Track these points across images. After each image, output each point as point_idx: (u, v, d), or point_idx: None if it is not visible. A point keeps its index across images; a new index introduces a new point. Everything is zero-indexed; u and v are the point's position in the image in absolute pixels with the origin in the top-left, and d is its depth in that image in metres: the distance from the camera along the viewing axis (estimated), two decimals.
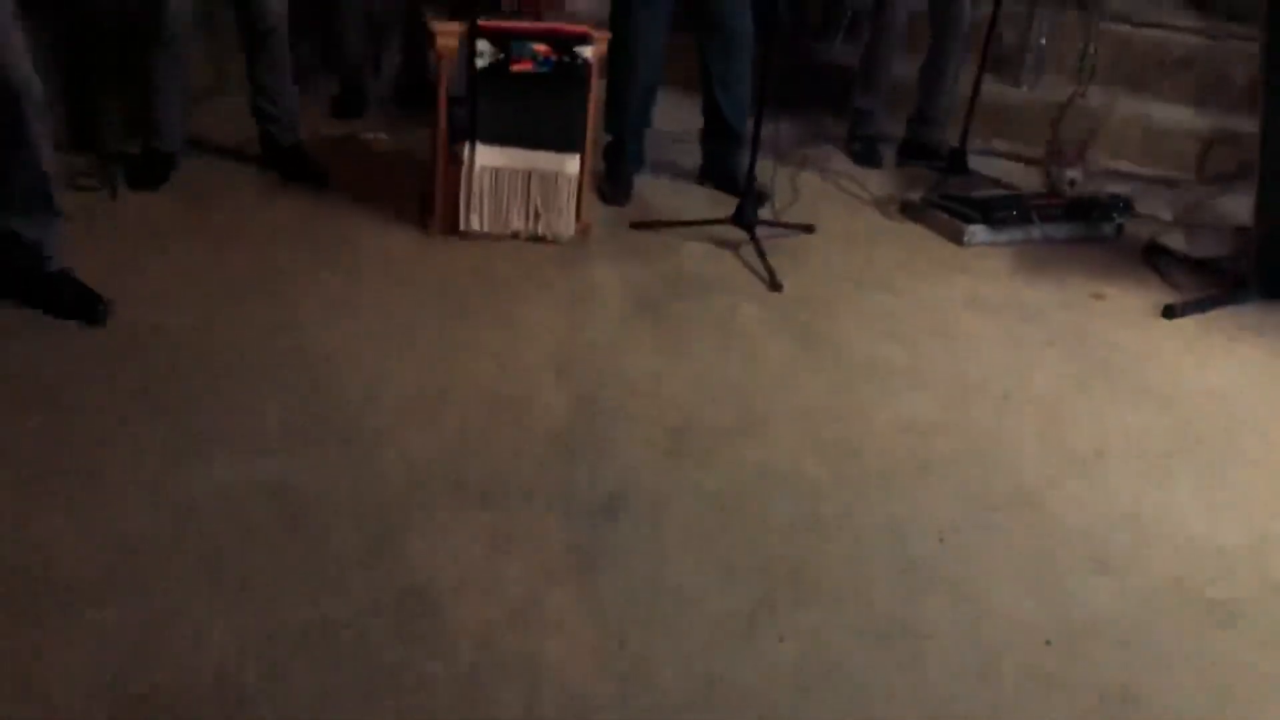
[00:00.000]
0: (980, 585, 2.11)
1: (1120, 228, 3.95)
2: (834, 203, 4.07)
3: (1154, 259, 3.75)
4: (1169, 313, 3.35)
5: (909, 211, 3.97)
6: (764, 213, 3.68)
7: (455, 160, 3.32)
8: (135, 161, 3.49)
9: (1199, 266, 3.70)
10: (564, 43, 3.23)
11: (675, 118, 4.21)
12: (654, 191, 3.96)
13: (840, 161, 4.50)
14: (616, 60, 3.74)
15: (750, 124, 3.67)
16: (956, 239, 3.75)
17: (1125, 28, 5.27)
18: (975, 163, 4.49)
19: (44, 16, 3.42)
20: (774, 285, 3.28)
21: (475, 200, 3.32)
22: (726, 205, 3.64)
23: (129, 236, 3.12)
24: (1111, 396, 2.88)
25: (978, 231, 3.73)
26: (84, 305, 2.65)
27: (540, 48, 3.21)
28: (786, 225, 3.69)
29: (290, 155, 3.65)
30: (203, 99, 3.89)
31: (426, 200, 3.42)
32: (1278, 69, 3.23)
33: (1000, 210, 3.78)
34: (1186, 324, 3.32)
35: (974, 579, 2.13)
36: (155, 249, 3.06)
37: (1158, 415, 2.81)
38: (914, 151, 4.50)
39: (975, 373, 2.93)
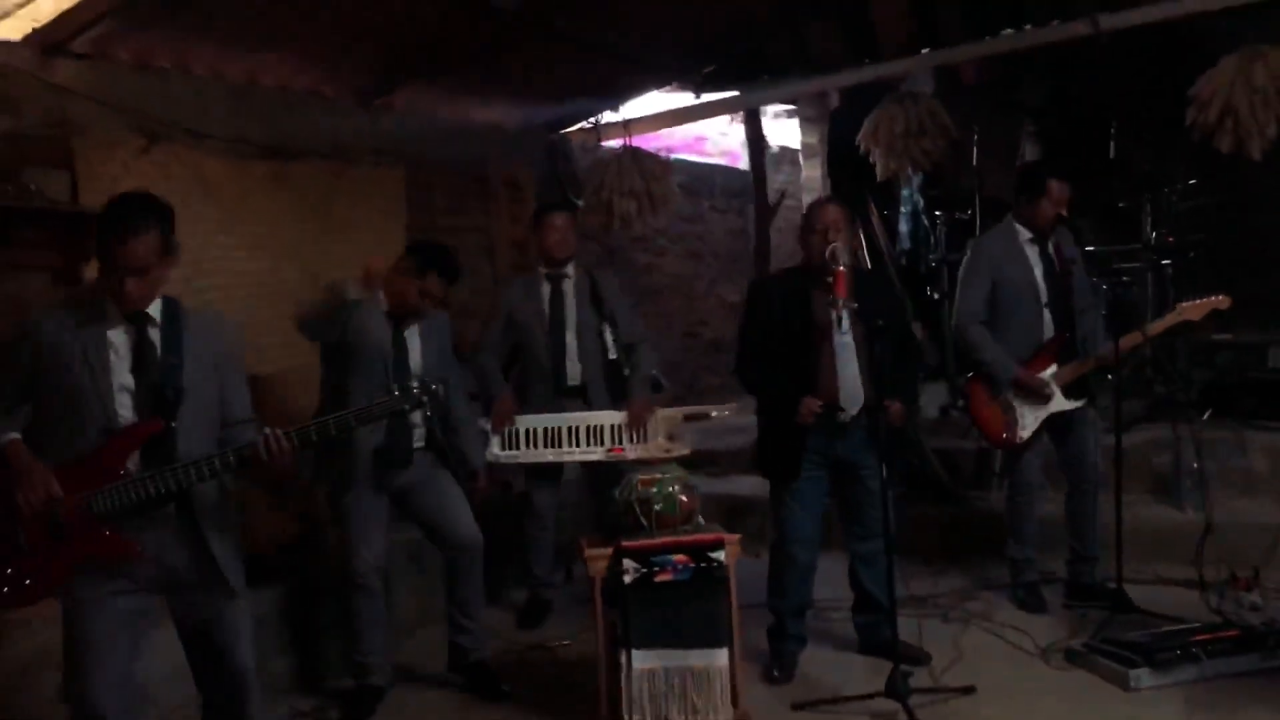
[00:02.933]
0: None
1: None
2: (997, 657, 4.11)
3: None
4: None
5: (1073, 659, 3.96)
6: (923, 676, 3.78)
7: (617, 665, 3.64)
8: (348, 697, 3.97)
9: None
10: (700, 550, 3.61)
11: (835, 586, 4.43)
12: (817, 665, 4.13)
13: (1005, 610, 4.57)
14: (776, 548, 4.12)
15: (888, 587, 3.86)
16: (1121, 684, 3.69)
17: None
18: (1146, 592, 4.48)
19: (267, 581, 4.13)
20: None
21: (635, 702, 3.58)
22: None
23: None
24: None
25: (1142, 675, 3.67)
26: None
27: (679, 558, 3.60)
28: (944, 690, 3.76)
29: (476, 670, 4.07)
30: (412, 630, 4.45)
31: (595, 703, 3.71)
32: None
33: (1163, 650, 3.73)
34: None
35: None
36: None
37: None
38: (1078, 592, 4.55)
39: None
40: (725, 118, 10.62)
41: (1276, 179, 5.86)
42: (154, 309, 2.82)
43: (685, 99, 7.22)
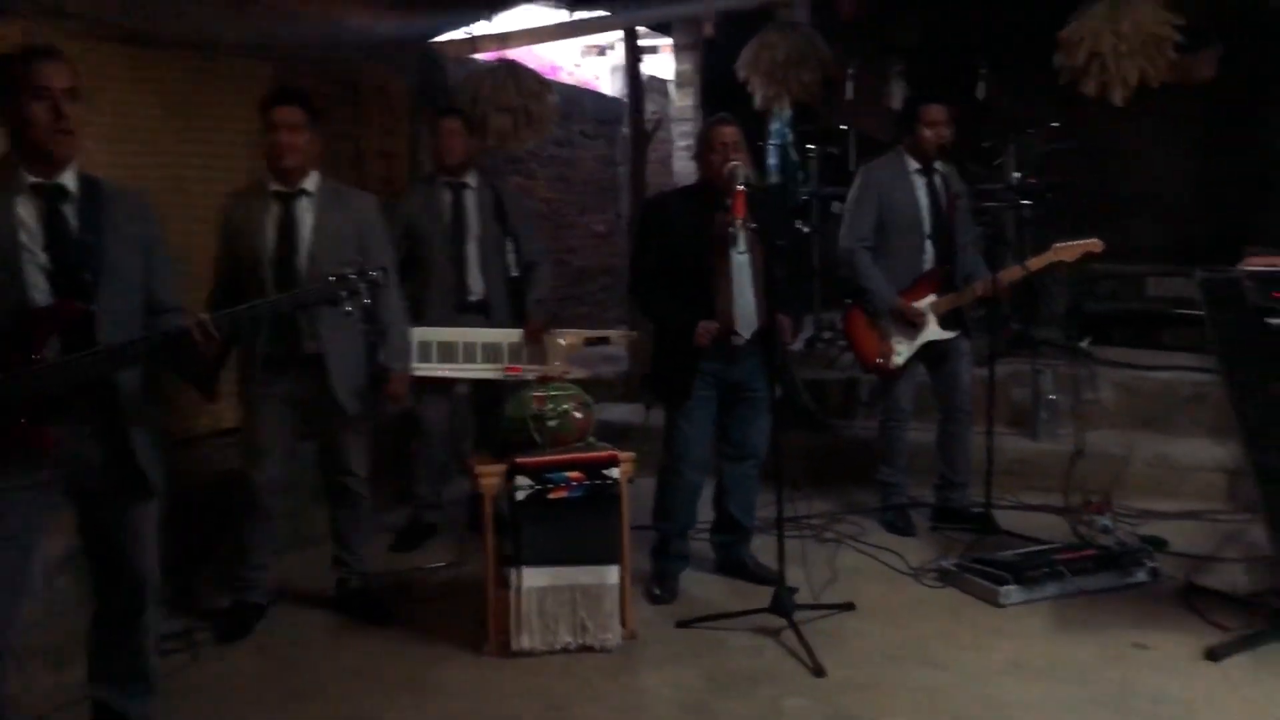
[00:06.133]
0: None
1: (1155, 571, 4.03)
2: (872, 576, 4.22)
3: (1193, 600, 3.81)
4: (1213, 655, 3.37)
5: (945, 578, 4.11)
6: (802, 595, 3.86)
7: (505, 584, 3.58)
8: (224, 615, 3.79)
9: (1240, 603, 3.75)
10: (594, 467, 3.57)
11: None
12: (698, 585, 4.16)
13: (876, 533, 4.71)
14: (666, 469, 4.11)
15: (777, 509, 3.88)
16: (992, 601, 3.85)
17: (1134, 373, 5.60)
18: (1008, 518, 4.69)
19: None
20: (817, 671, 3.38)
21: (525, 621, 3.54)
22: (767, 592, 3.79)
23: (207, 698, 3.33)
24: None
25: (1012, 592, 3.84)
26: None
27: (573, 475, 3.55)
28: (825, 606, 3.84)
29: (357, 597, 3.94)
30: (286, 550, 4.26)
31: (482, 623, 3.64)
32: (1243, 408, 3.43)
33: (1030, 569, 3.91)
34: (1233, 666, 3.33)
35: None
36: (230, 711, 3.27)
37: None
38: (945, 516, 4.71)
39: None
40: (582, 47, 10.47)
41: (1134, 125, 6.14)
42: (69, 181, 2.58)
43: (557, 16, 7.03)
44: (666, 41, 8.24)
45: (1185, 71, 5.81)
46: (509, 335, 4.59)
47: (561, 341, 4.57)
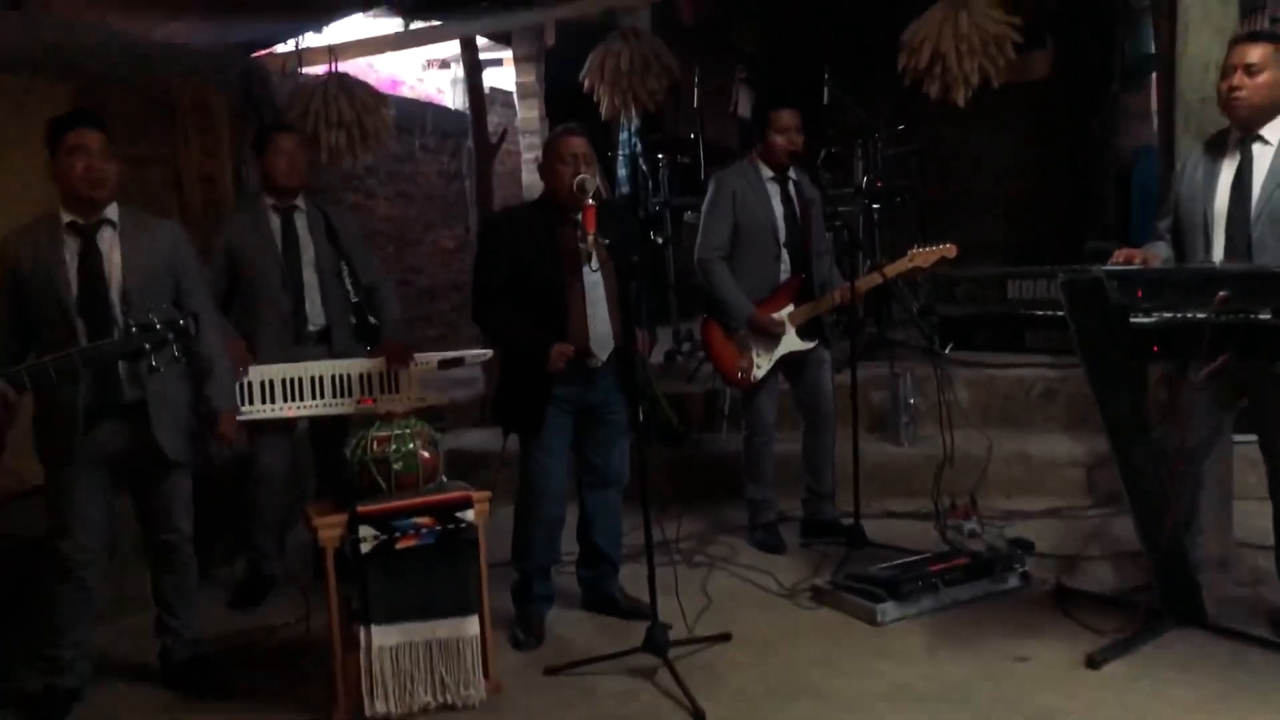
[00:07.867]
0: None
1: (1026, 576, 3.98)
2: (745, 601, 4.05)
3: (1066, 603, 3.76)
4: (1092, 663, 3.31)
5: (820, 597, 3.98)
6: (677, 628, 3.66)
7: (354, 644, 3.27)
8: (34, 701, 3.36)
9: (1111, 603, 3.72)
10: (445, 511, 3.29)
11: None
12: (566, 625, 3.92)
13: (746, 551, 4.56)
14: (522, 500, 3.85)
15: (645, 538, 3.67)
16: (869, 620, 3.73)
17: (986, 372, 5.62)
18: (875, 526, 4.60)
19: None
20: (696, 714, 3.17)
21: (377, 683, 3.23)
22: (639, 628, 3.57)
23: None
24: None
25: (888, 610, 3.73)
26: None
27: (423, 521, 3.27)
28: (701, 639, 3.65)
29: (188, 668, 3.56)
30: (102, 619, 3.84)
31: (330, 687, 3.32)
32: (1106, 401, 3.38)
33: (906, 584, 3.80)
34: (1114, 672, 3.27)
35: None
36: None
37: None
38: (814, 530, 4.60)
39: None
40: (423, 61, 10.12)
41: (973, 125, 6.19)
42: None
43: (391, 27, 6.72)
44: (507, 53, 8.01)
45: (1021, 71, 5.89)
46: (360, 365, 4.25)
47: (414, 366, 4.30)
